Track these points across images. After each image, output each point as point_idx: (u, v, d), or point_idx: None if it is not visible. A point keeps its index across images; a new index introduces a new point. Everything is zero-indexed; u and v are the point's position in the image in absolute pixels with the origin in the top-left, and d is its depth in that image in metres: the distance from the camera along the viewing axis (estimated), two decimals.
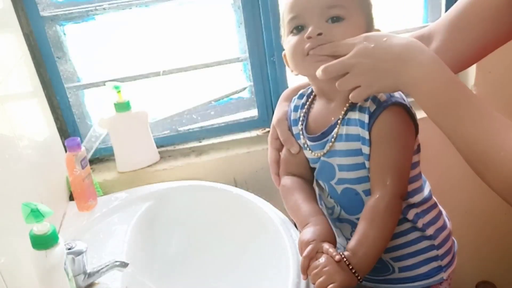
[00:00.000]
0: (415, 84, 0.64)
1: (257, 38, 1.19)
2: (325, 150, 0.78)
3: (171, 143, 1.26)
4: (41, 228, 0.67)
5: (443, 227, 0.83)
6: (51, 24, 1.11)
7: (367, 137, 0.72)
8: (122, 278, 0.84)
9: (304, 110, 0.82)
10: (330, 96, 0.79)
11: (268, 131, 1.26)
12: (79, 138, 1.01)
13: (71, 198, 1.08)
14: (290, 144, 0.83)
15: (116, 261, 0.81)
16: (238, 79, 1.27)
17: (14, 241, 0.74)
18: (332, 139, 0.76)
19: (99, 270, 0.80)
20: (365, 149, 0.73)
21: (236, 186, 1.14)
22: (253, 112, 1.29)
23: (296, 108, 0.84)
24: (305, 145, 0.81)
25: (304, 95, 0.84)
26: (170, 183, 1.13)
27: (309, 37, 0.72)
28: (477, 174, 0.63)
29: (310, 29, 0.72)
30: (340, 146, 0.76)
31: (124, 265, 0.81)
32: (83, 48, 1.17)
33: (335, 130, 0.76)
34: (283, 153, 0.86)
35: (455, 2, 1.24)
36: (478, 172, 0.62)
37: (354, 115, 0.74)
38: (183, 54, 1.22)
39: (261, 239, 0.96)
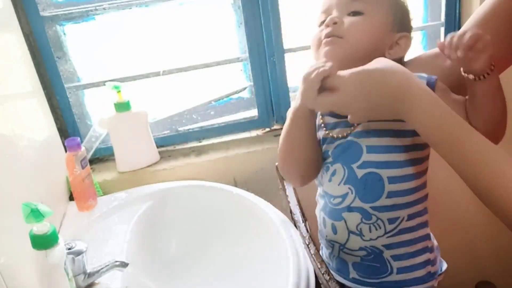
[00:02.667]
0: (414, 122, 0.66)
1: (257, 38, 1.19)
2: (359, 129, 0.76)
3: (171, 143, 1.26)
4: (41, 228, 0.67)
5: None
6: (51, 24, 1.11)
7: None
8: (122, 278, 0.84)
9: None
10: None
11: (268, 131, 1.28)
12: (79, 138, 1.01)
13: (71, 198, 1.08)
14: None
15: (116, 261, 0.81)
16: (238, 79, 1.27)
17: (14, 241, 0.74)
18: None
19: (99, 270, 0.80)
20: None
21: (236, 186, 1.14)
22: (253, 112, 1.29)
23: None
24: (326, 125, 0.79)
25: None
26: (170, 183, 1.13)
27: (326, 26, 0.75)
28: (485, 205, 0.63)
29: (328, 18, 0.75)
30: (375, 125, 0.75)
31: (124, 265, 0.81)
32: (83, 48, 1.17)
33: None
34: None
35: (456, 3, 1.26)
36: (485, 204, 0.63)
37: None
38: (183, 54, 1.22)
39: (261, 239, 0.96)
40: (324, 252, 0.88)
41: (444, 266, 0.84)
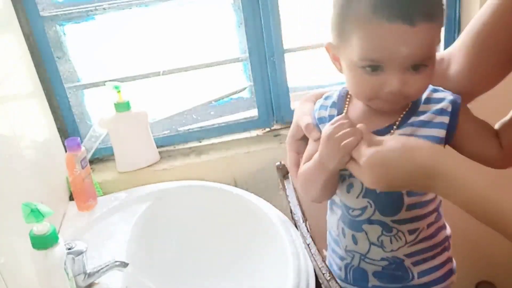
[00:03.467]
0: (452, 200, 0.61)
1: (257, 38, 1.19)
2: None
3: (171, 143, 1.26)
4: (41, 228, 0.67)
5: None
6: (51, 24, 1.11)
7: (443, 135, 0.70)
8: (122, 278, 0.84)
9: (339, 108, 0.77)
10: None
11: (268, 131, 1.28)
12: (79, 138, 1.01)
13: (71, 198, 1.08)
14: (310, 130, 0.77)
15: (116, 261, 0.81)
16: (238, 79, 1.27)
17: (14, 241, 0.74)
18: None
19: (99, 270, 0.80)
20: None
21: (236, 186, 1.14)
22: (253, 112, 1.29)
23: (324, 107, 0.79)
24: None
25: (330, 97, 0.80)
26: (170, 183, 1.13)
27: (389, 91, 0.66)
28: None
29: (392, 85, 0.65)
30: None
31: (124, 265, 0.81)
32: (83, 48, 1.17)
33: (398, 130, 0.71)
34: (309, 148, 0.79)
35: (456, 3, 1.26)
36: None
37: (419, 118, 0.71)
38: (183, 54, 1.22)
39: (261, 239, 0.96)
40: (336, 263, 0.85)
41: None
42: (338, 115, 0.76)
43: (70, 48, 1.15)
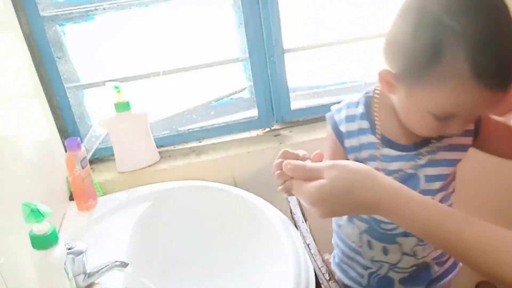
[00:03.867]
0: (397, 223, 0.60)
1: (257, 38, 1.19)
2: (422, 161, 0.73)
3: (171, 143, 1.26)
4: (41, 228, 0.67)
5: None
6: (51, 24, 1.11)
7: (470, 142, 0.74)
8: (122, 278, 0.84)
9: (370, 120, 0.75)
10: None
11: (268, 131, 1.28)
12: (79, 138, 1.01)
13: (71, 198, 1.08)
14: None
15: (116, 261, 0.81)
16: (238, 79, 1.27)
17: (14, 241, 0.74)
18: (428, 151, 0.73)
19: (99, 270, 0.80)
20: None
21: (236, 186, 1.14)
22: (253, 112, 1.29)
23: (352, 118, 0.76)
24: (379, 157, 0.74)
25: (354, 104, 0.78)
26: (170, 183, 1.13)
27: (449, 134, 0.68)
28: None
29: (455, 131, 0.67)
30: (441, 155, 0.74)
31: (124, 265, 0.81)
32: (83, 48, 1.17)
33: (437, 144, 0.73)
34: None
35: None
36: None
37: None
38: (183, 54, 1.22)
39: (261, 239, 0.96)
40: (357, 271, 0.86)
41: None
42: (371, 127, 0.75)
43: (70, 48, 1.15)
